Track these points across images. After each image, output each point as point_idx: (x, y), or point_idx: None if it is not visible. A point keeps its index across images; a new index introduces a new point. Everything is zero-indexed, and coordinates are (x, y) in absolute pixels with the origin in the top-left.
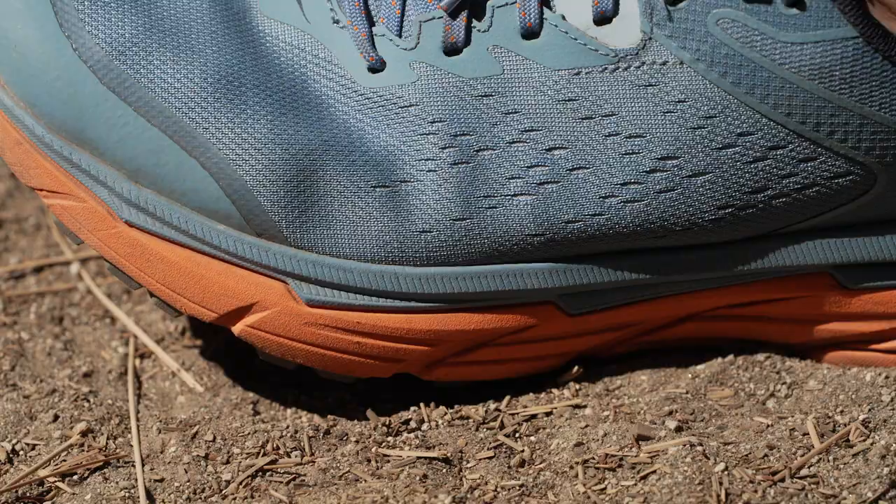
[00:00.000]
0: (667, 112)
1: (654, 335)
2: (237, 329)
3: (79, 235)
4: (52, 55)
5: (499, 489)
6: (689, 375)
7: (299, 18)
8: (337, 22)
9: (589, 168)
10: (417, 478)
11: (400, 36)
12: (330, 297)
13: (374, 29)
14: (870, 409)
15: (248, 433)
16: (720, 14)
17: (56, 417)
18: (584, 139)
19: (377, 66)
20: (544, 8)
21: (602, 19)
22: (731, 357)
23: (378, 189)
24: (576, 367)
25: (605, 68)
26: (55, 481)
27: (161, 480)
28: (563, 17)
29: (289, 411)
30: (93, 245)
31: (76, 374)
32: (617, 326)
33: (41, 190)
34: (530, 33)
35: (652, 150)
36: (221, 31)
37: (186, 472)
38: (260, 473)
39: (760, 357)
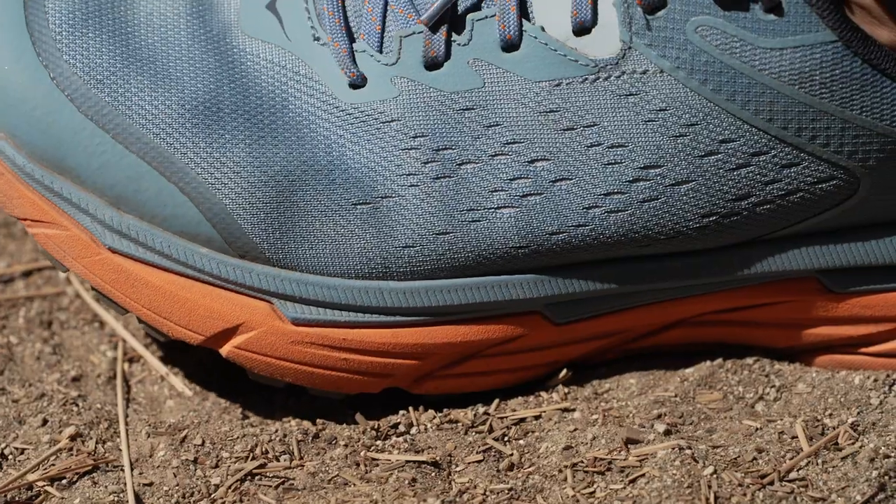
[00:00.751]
0: (648, 121)
1: (641, 342)
2: (225, 351)
3: (63, 263)
4: (31, 85)
5: (487, 493)
6: (678, 379)
7: (280, 36)
8: (318, 39)
9: (572, 179)
10: (406, 481)
11: (380, 51)
12: (315, 314)
13: (354, 45)
14: (858, 412)
15: (237, 437)
16: (699, 21)
17: (45, 422)
18: (567, 150)
19: (358, 82)
20: (523, 20)
21: (581, 30)
22: (719, 360)
23: (359, 206)
24: (564, 371)
25: (586, 79)
26: (44, 485)
27: (150, 484)
28: (543, 29)
29: (277, 415)
30: (78, 272)
31: (65, 379)
32: (604, 334)
33: (25, 219)
34: (510, 45)
35: (634, 160)
36: (199, 56)
37: (175, 476)
38: (249, 477)
39: (749, 360)
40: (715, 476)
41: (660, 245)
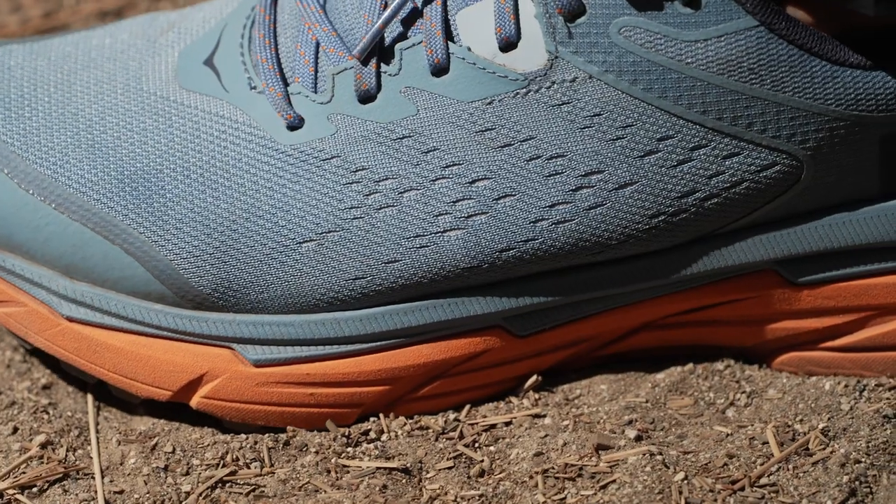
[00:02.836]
0: (584, 128)
1: (609, 348)
2: (194, 402)
3: (27, 340)
4: None
5: (458, 499)
6: (649, 384)
7: (218, 89)
8: (254, 87)
9: (515, 195)
10: (377, 488)
11: (315, 91)
12: (276, 353)
13: (289, 88)
14: (829, 418)
15: (208, 444)
16: (621, 23)
17: (15, 430)
18: (506, 167)
19: (295, 124)
20: (449, 43)
21: (507, 45)
22: (690, 366)
23: (304, 244)
24: (535, 377)
25: (517, 93)
26: (14, 494)
27: (121, 492)
28: (470, 49)
29: None
30: (42, 346)
31: (35, 387)
32: (570, 343)
33: None
34: (439, 69)
35: (575, 168)
36: (137, 122)
37: (146, 483)
38: (220, 485)
39: (720, 366)
40: (686, 482)
41: (612, 251)
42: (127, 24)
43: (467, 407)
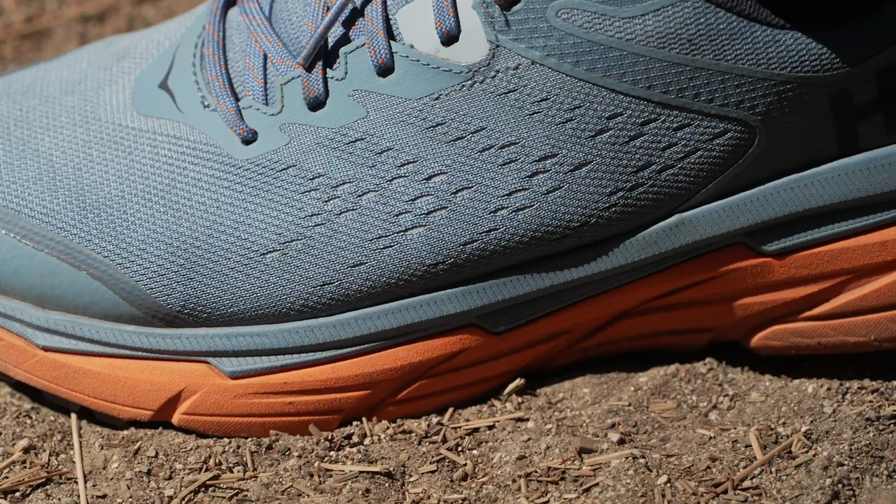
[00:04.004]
0: (533, 113)
1: (590, 340)
2: (175, 420)
3: (7, 374)
4: None
5: (441, 503)
6: (632, 388)
7: (173, 111)
8: (207, 106)
9: (472, 187)
10: (360, 492)
11: (266, 103)
12: (252, 364)
13: (240, 103)
14: (812, 421)
15: (191, 449)
16: (558, 6)
17: None
18: (461, 160)
19: (249, 138)
20: (392, 42)
21: (449, 39)
22: (673, 369)
23: (268, 255)
24: (518, 380)
25: (463, 86)
26: None
27: (104, 496)
28: (412, 47)
29: None
30: (22, 378)
31: (18, 391)
32: (548, 337)
33: None
34: (385, 70)
35: (528, 154)
36: (97, 152)
37: (129, 487)
38: (202, 489)
39: (702, 369)
40: (668, 485)
41: (575, 234)
42: (85, 53)
43: (450, 410)
